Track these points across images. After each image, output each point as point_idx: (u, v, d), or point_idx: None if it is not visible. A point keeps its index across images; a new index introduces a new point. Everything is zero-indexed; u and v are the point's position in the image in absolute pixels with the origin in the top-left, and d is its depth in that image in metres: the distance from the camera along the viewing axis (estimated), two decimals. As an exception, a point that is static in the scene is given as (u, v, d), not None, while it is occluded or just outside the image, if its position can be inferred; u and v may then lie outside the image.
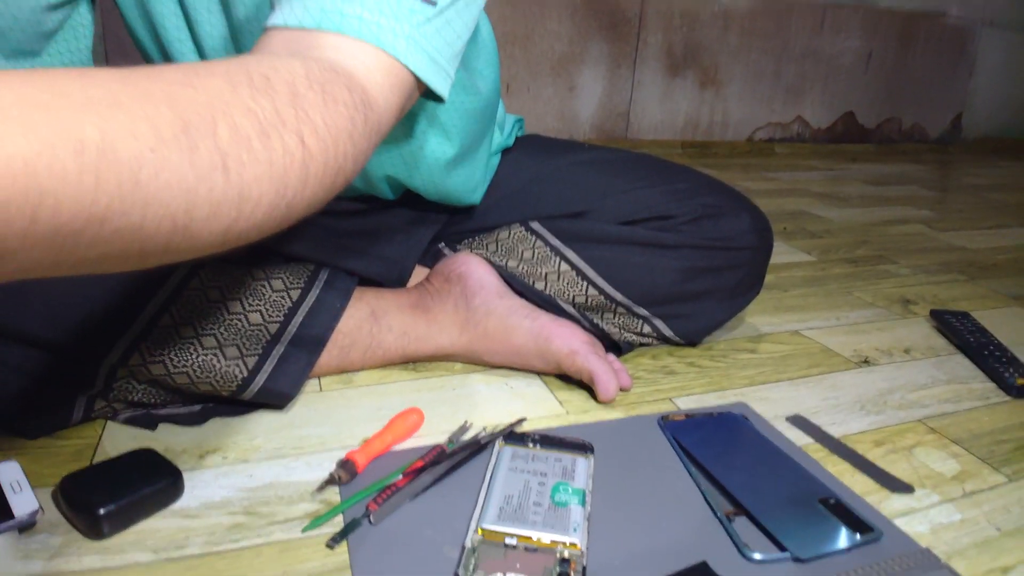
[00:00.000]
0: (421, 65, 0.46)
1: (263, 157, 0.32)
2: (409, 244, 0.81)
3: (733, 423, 0.68)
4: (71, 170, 0.24)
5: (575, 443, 0.62)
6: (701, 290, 0.80)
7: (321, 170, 0.36)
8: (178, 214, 0.29)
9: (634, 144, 2.31)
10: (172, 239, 0.29)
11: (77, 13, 0.63)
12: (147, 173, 0.27)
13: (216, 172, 0.30)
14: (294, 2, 0.43)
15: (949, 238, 1.50)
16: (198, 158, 0.29)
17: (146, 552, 0.50)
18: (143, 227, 0.28)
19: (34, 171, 0.23)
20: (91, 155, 0.25)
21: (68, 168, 0.24)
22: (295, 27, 0.43)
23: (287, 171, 0.34)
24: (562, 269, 0.78)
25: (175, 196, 0.28)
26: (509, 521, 0.52)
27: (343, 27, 0.42)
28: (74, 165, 0.24)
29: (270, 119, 0.33)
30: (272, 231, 0.36)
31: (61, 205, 0.24)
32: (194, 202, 0.29)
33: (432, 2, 0.46)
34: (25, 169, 0.23)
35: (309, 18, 0.42)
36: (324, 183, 0.37)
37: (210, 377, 0.63)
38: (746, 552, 0.52)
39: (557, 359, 0.73)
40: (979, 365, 0.87)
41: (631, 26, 2.23)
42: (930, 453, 0.68)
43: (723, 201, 0.82)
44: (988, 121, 2.95)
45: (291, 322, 0.67)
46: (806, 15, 2.45)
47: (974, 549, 0.55)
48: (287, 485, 0.58)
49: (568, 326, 0.75)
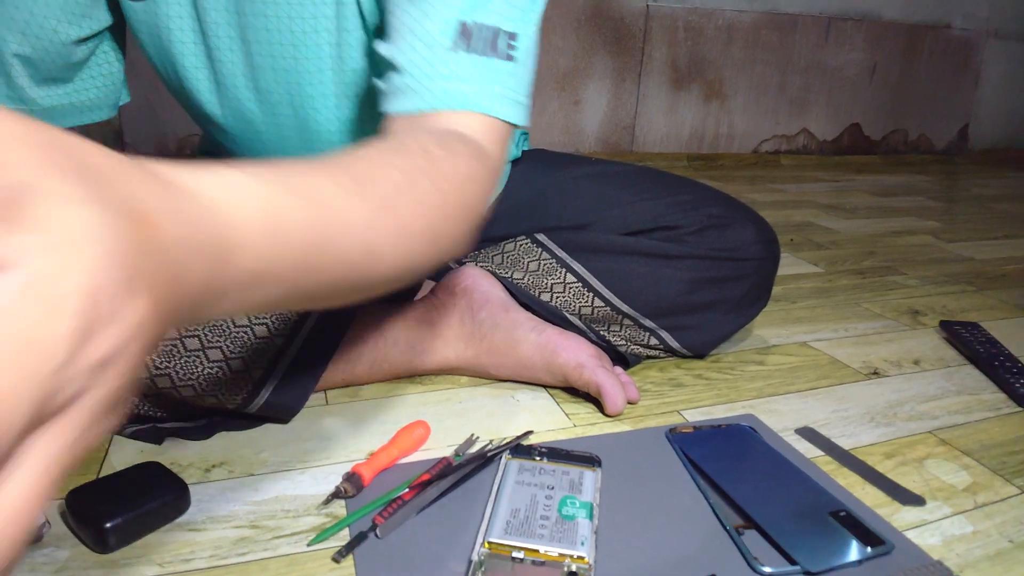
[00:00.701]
0: (510, 113, 0.55)
1: (418, 204, 0.41)
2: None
3: (742, 435, 0.68)
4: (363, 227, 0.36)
5: (582, 456, 0.62)
6: (707, 301, 0.80)
7: (456, 210, 0.45)
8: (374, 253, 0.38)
9: (640, 157, 2.31)
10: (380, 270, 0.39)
11: (103, 45, 0.67)
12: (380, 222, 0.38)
13: (388, 217, 0.39)
14: (407, 92, 0.52)
15: (957, 249, 1.50)
16: (398, 214, 0.40)
17: (152, 566, 0.49)
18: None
19: (362, 228, 0.36)
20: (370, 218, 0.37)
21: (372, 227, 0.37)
22: (414, 113, 0.52)
23: (434, 211, 0.43)
24: (568, 280, 0.78)
25: (389, 236, 0.39)
26: (516, 535, 0.51)
27: (449, 104, 0.52)
28: (363, 222, 0.36)
29: (425, 167, 0.43)
30: (431, 267, 0.45)
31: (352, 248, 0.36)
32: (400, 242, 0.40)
33: (512, 57, 0.55)
34: (361, 225, 0.36)
35: (424, 103, 0.52)
36: (459, 220, 0.46)
37: (216, 390, 0.63)
38: (756, 565, 0.51)
39: (564, 372, 0.73)
40: (989, 376, 0.86)
41: (635, 40, 2.24)
42: (941, 465, 0.67)
43: (728, 212, 0.82)
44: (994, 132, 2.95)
45: (297, 335, 0.67)
46: (810, 28, 2.46)
47: (986, 561, 0.54)
48: (293, 499, 0.58)
49: (575, 339, 0.75)
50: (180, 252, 0.23)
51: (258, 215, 0.29)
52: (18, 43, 0.62)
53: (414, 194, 0.41)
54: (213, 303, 0.27)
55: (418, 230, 0.41)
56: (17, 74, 0.64)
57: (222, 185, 0.28)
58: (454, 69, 0.52)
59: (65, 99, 0.68)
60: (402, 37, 0.54)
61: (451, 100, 0.52)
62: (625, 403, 0.72)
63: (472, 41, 0.53)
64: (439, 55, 0.52)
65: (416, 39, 0.53)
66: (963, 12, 2.70)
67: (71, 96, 0.69)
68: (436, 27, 0.53)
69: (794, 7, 2.41)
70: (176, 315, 0.24)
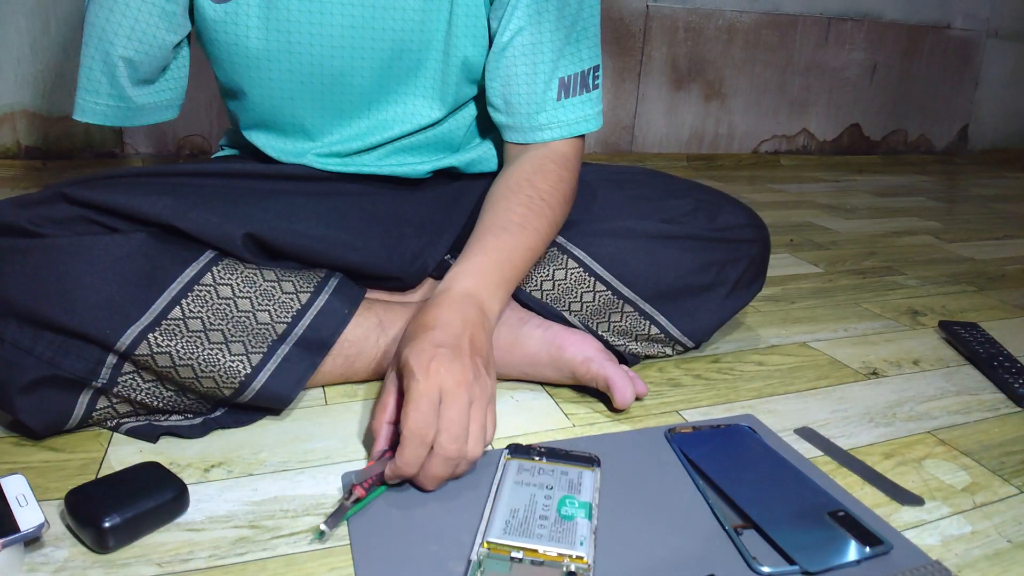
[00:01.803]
0: (591, 127, 0.80)
1: (541, 219, 0.72)
2: (432, 244, 0.82)
3: (741, 436, 0.68)
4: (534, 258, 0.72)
5: (581, 456, 0.62)
6: (705, 284, 0.81)
7: (560, 208, 0.75)
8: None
9: (639, 157, 2.31)
10: None
11: (183, 50, 0.75)
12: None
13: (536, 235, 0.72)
14: (523, 130, 0.78)
15: (957, 249, 1.50)
16: (536, 233, 0.72)
17: (151, 566, 0.50)
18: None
19: (528, 252, 0.71)
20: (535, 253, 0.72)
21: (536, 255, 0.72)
22: (527, 143, 0.79)
23: (547, 216, 0.73)
24: (569, 266, 0.79)
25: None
26: (515, 534, 0.51)
27: (547, 137, 0.78)
28: (527, 248, 0.71)
29: (532, 195, 0.73)
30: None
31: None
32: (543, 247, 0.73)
33: (597, 86, 0.80)
34: (527, 251, 0.70)
35: (528, 139, 0.79)
36: (562, 213, 0.76)
37: (213, 372, 0.63)
38: (755, 565, 0.51)
39: (572, 367, 0.74)
40: (988, 376, 0.86)
41: (635, 40, 2.24)
42: (940, 465, 0.67)
43: (719, 198, 0.87)
44: (994, 132, 2.94)
45: (298, 324, 0.67)
46: (810, 28, 2.46)
47: (985, 561, 0.54)
48: (292, 499, 0.58)
49: (581, 335, 0.76)
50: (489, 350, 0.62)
51: (503, 298, 0.68)
52: (124, 46, 0.69)
53: (536, 212, 0.72)
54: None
55: (546, 227, 0.72)
56: (120, 74, 0.70)
57: (487, 293, 0.65)
58: (557, 116, 0.78)
59: (151, 98, 0.75)
60: (516, 85, 0.76)
61: (547, 133, 0.78)
62: (634, 397, 0.72)
63: (570, 89, 0.77)
64: (547, 106, 0.77)
65: (530, 91, 0.76)
66: (963, 12, 2.70)
67: (154, 96, 0.75)
68: (541, 85, 0.76)
69: (794, 7, 2.41)
70: (490, 364, 0.62)
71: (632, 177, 0.91)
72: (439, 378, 0.55)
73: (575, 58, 0.77)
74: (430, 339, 0.58)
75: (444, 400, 0.55)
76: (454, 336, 0.59)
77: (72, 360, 0.60)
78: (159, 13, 0.69)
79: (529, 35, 0.75)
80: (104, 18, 0.68)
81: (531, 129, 0.78)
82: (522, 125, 0.78)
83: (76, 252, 0.60)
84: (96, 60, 0.70)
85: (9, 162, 1.70)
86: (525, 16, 0.74)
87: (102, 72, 0.70)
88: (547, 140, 0.78)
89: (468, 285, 0.65)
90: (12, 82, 1.65)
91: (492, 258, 0.67)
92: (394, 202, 0.83)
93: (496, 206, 0.72)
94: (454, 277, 0.66)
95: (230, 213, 0.67)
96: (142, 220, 0.65)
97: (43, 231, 0.62)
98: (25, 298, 0.58)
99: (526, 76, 0.76)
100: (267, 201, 0.73)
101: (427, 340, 0.58)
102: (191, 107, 1.81)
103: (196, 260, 0.65)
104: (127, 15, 0.68)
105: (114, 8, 0.68)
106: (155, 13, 0.69)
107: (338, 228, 0.74)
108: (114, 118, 0.73)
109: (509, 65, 0.76)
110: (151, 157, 1.83)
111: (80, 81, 0.71)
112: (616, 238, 0.79)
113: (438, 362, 0.56)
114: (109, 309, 0.60)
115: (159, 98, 0.76)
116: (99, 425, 0.65)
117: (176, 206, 0.65)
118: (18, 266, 0.59)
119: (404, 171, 0.83)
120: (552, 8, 0.74)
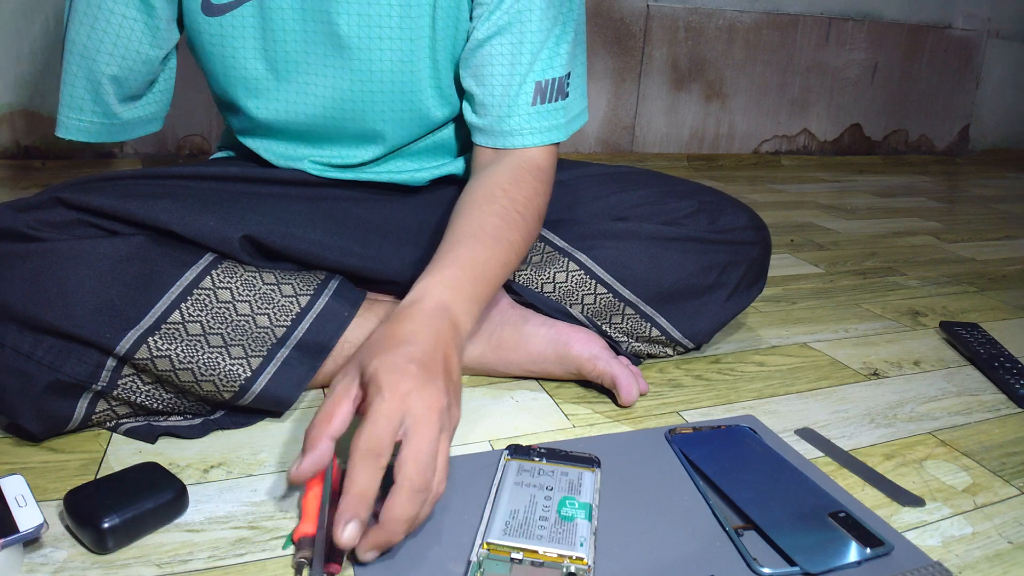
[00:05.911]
0: (563, 135, 0.77)
1: (515, 231, 0.69)
2: (430, 250, 0.81)
3: (741, 436, 0.68)
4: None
5: (581, 457, 0.62)
6: (706, 285, 0.81)
7: (532, 220, 0.72)
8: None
9: (640, 157, 2.31)
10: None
11: (169, 62, 0.74)
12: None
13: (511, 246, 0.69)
14: (495, 134, 0.75)
15: (958, 250, 1.50)
16: (508, 245, 0.68)
17: (150, 567, 0.49)
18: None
19: (502, 264, 0.67)
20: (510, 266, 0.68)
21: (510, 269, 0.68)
22: (498, 148, 0.76)
23: (521, 230, 0.70)
24: (570, 268, 0.79)
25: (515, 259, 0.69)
26: (515, 535, 0.51)
27: (520, 143, 0.75)
28: (501, 261, 0.67)
29: (508, 206, 0.70)
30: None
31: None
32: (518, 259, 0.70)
33: (568, 94, 0.76)
34: (501, 263, 0.67)
35: (501, 143, 0.76)
36: (536, 224, 0.73)
37: (213, 376, 0.63)
38: (755, 567, 0.51)
39: (577, 364, 0.74)
40: (989, 377, 0.86)
41: (636, 40, 2.24)
42: (941, 466, 0.67)
43: (721, 200, 0.87)
44: (995, 132, 2.94)
45: (298, 327, 0.67)
46: (811, 28, 2.46)
47: (986, 562, 0.54)
48: (292, 500, 0.57)
49: (586, 332, 0.76)
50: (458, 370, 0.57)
51: (475, 315, 0.63)
52: (107, 63, 0.68)
53: (511, 225, 0.68)
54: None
55: (520, 241, 0.69)
56: (105, 92, 0.70)
57: (461, 308, 0.61)
58: (531, 122, 0.75)
59: (137, 112, 0.75)
60: (491, 86, 0.74)
61: (519, 140, 0.75)
62: (639, 394, 0.72)
63: (545, 95, 0.75)
64: (521, 110, 0.74)
65: (504, 93, 0.73)
66: (964, 12, 2.70)
67: (140, 110, 0.75)
68: (517, 87, 0.73)
69: (795, 7, 2.41)
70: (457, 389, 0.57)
71: (634, 178, 0.90)
72: (409, 401, 0.49)
73: (558, 62, 0.75)
74: (403, 354, 0.52)
75: (414, 426, 0.49)
76: (427, 354, 0.53)
77: (72, 364, 0.60)
78: (142, 28, 0.68)
79: (510, 35, 0.73)
80: (85, 35, 0.67)
81: (502, 134, 0.74)
82: (493, 128, 0.75)
83: (75, 256, 0.60)
84: (79, 77, 0.69)
85: (8, 162, 1.70)
86: (507, 15, 0.72)
87: (85, 89, 0.69)
88: (520, 147, 0.75)
89: (442, 298, 0.59)
90: (11, 82, 1.65)
91: (467, 272, 0.63)
92: (390, 208, 0.82)
93: (470, 215, 0.68)
94: (426, 288, 0.60)
95: (227, 216, 0.67)
96: (139, 223, 0.65)
97: (41, 235, 0.61)
98: (24, 303, 0.58)
99: (501, 77, 0.73)
100: (263, 204, 0.72)
101: (400, 354, 0.52)
102: (191, 107, 1.81)
103: (195, 263, 0.65)
104: (108, 31, 0.67)
105: (95, 24, 0.67)
106: (138, 28, 0.68)
107: (334, 234, 0.73)
108: (98, 135, 0.72)
109: (483, 64, 0.73)
110: (151, 157, 1.83)
111: (63, 98, 0.70)
112: (617, 240, 0.79)
113: (410, 383, 0.50)
114: (108, 313, 0.60)
115: (145, 112, 0.75)
116: (98, 426, 0.65)
117: (173, 209, 0.65)
118: (17, 271, 0.59)
119: (403, 178, 0.83)
120: (536, 8, 0.72)
